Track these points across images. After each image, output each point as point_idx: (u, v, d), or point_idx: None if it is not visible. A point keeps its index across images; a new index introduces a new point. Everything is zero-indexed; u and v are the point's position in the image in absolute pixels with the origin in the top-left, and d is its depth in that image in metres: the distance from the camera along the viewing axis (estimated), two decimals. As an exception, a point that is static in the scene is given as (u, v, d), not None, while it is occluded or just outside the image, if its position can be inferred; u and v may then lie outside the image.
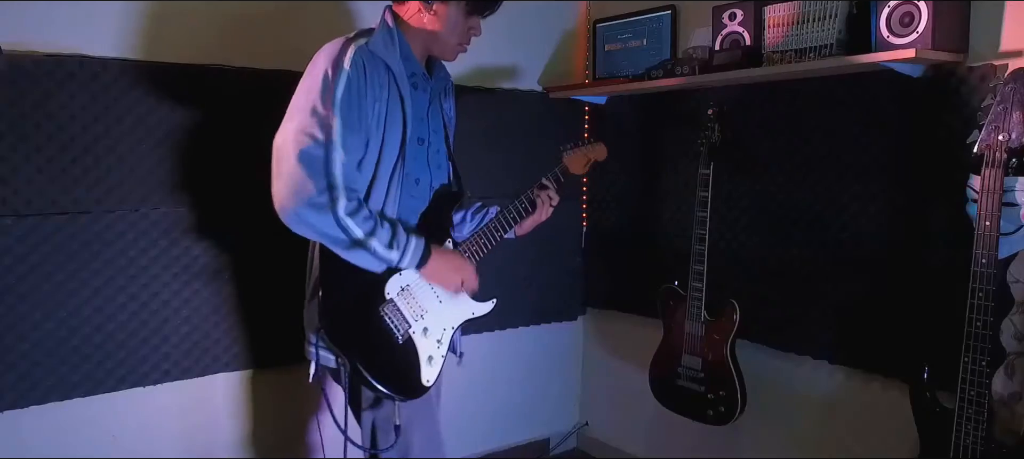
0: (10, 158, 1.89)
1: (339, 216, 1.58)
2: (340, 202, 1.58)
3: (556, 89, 2.90)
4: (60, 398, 2.02)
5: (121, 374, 2.10)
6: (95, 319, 2.04)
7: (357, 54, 1.66)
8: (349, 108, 1.62)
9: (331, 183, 1.58)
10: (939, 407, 1.79)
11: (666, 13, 2.68)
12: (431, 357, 1.78)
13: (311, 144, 1.57)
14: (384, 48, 1.72)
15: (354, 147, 1.64)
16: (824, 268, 2.21)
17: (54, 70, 1.93)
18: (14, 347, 1.94)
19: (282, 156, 1.58)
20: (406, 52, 1.76)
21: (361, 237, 1.61)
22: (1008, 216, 1.70)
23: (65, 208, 1.98)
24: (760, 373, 2.41)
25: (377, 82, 1.68)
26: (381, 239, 1.64)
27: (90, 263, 2.02)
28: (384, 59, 1.71)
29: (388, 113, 1.70)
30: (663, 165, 2.69)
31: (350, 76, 1.63)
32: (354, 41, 1.69)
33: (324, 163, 1.57)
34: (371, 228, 1.63)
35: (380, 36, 1.73)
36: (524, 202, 1.96)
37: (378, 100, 1.68)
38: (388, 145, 1.71)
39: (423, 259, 1.72)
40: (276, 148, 1.60)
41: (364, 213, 1.63)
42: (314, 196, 1.56)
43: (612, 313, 3.03)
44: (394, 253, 1.67)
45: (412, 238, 1.70)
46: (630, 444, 2.99)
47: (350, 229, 1.59)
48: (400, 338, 1.73)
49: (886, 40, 1.90)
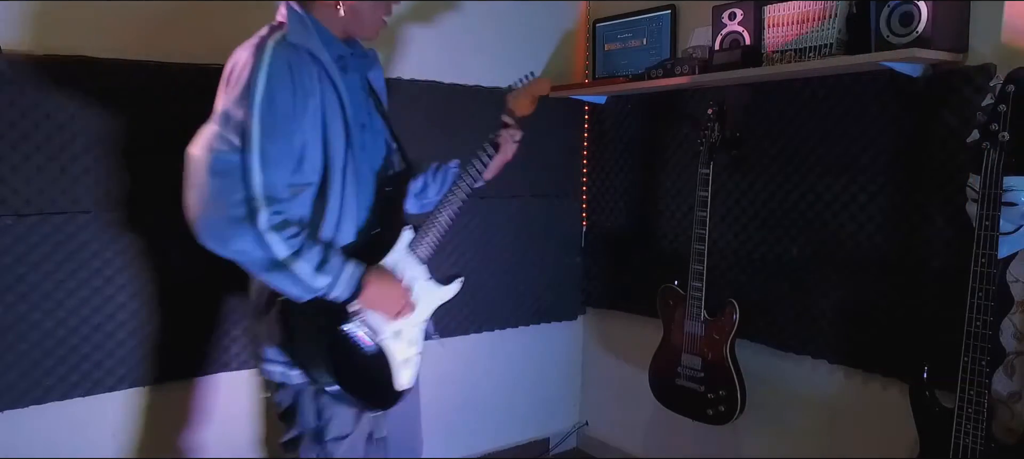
0: (10, 158, 1.89)
1: (259, 230, 1.42)
2: (261, 214, 1.42)
3: (556, 89, 2.90)
4: (60, 398, 2.02)
5: (121, 374, 2.10)
6: (95, 319, 2.04)
7: (278, 49, 1.49)
8: (271, 112, 1.46)
9: (250, 194, 1.42)
10: (939, 407, 1.79)
11: (666, 13, 2.68)
12: (407, 359, 1.72)
13: (227, 150, 1.42)
14: (302, 36, 1.55)
15: (278, 156, 1.48)
16: (824, 268, 2.21)
17: (54, 70, 1.93)
18: (14, 347, 1.94)
19: (195, 164, 1.43)
20: (326, 37, 1.62)
21: (283, 257, 1.45)
22: (1008, 216, 1.70)
23: (64, 208, 1.98)
24: (760, 373, 2.41)
25: (306, 75, 1.53)
26: (308, 261, 1.48)
27: (90, 263, 2.02)
28: (307, 48, 1.55)
29: (325, 106, 1.57)
30: (663, 165, 2.69)
31: (271, 75, 1.47)
32: (271, 36, 1.52)
33: (242, 171, 1.42)
34: (296, 247, 1.47)
35: (294, 26, 1.56)
36: (488, 147, 1.87)
37: (311, 95, 1.53)
38: (333, 140, 1.58)
39: (358, 288, 1.57)
40: (189, 157, 1.45)
41: (291, 230, 1.47)
42: (230, 210, 1.40)
43: (612, 313, 3.03)
44: (323, 279, 1.50)
45: (348, 264, 1.55)
46: (630, 444, 2.99)
47: (272, 246, 1.44)
48: (371, 348, 1.65)
49: (886, 40, 1.90)
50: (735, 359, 2.30)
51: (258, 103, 1.45)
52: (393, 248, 1.72)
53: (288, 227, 1.47)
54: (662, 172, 2.69)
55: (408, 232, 1.76)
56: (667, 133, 2.67)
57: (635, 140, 2.81)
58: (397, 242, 1.73)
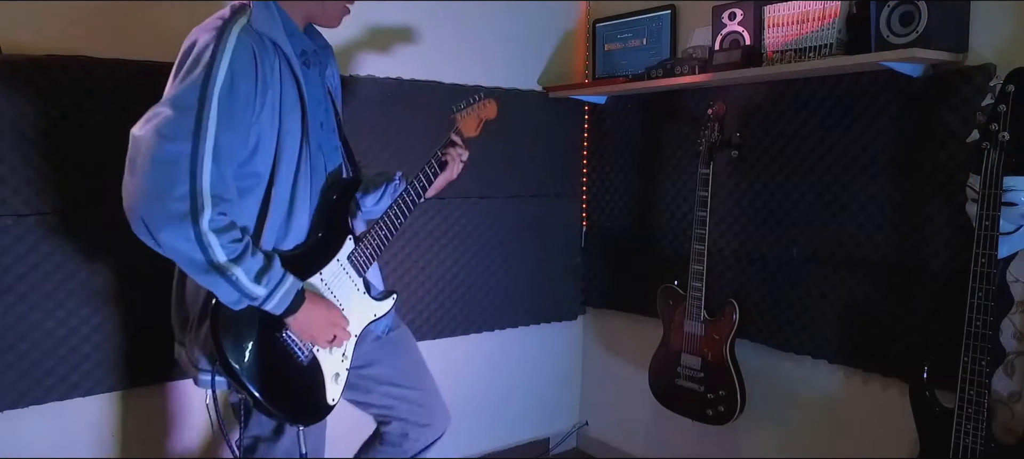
0: (10, 158, 1.89)
1: (201, 230, 1.34)
2: (205, 213, 1.35)
3: (556, 89, 2.90)
4: (60, 398, 2.02)
5: (121, 374, 2.09)
6: (95, 319, 2.04)
7: (243, 35, 1.41)
8: (231, 102, 1.38)
9: (196, 189, 1.34)
10: (939, 407, 1.79)
11: (666, 13, 2.68)
12: (337, 374, 1.65)
13: (176, 141, 1.33)
14: (267, 24, 1.48)
15: (232, 149, 1.40)
16: (824, 268, 2.21)
17: (54, 70, 1.92)
18: (14, 347, 1.93)
19: (139, 150, 1.34)
20: (290, 27, 1.55)
21: (222, 261, 1.37)
22: (1008, 216, 1.70)
23: (65, 208, 1.98)
24: (760, 373, 2.41)
25: (268, 65, 1.46)
26: (247, 269, 1.40)
27: (90, 263, 2.02)
28: (271, 37, 1.48)
29: (283, 99, 1.49)
30: (663, 165, 2.69)
31: (234, 62, 1.39)
32: (234, 20, 1.43)
33: (189, 164, 1.33)
34: (237, 253, 1.39)
35: (259, 11, 1.48)
36: (433, 164, 1.80)
37: (271, 87, 1.46)
38: (287, 135, 1.51)
39: (292, 306, 1.49)
40: (133, 139, 1.36)
41: (233, 234, 1.40)
42: (173, 203, 1.32)
43: (612, 313, 3.03)
44: (261, 289, 1.43)
45: (287, 278, 1.48)
46: (630, 444, 2.99)
47: (211, 248, 1.36)
48: (304, 359, 1.58)
49: (886, 40, 1.90)
50: (735, 359, 2.30)
51: (218, 91, 1.37)
52: (334, 258, 1.66)
53: (231, 230, 1.40)
54: (662, 172, 2.69)
55: (349, 242, 1.69)
56: (667, 133, 2.67)
57: (635, 140, 2.81)
58: (339, 250, 1.67)
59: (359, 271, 1.71)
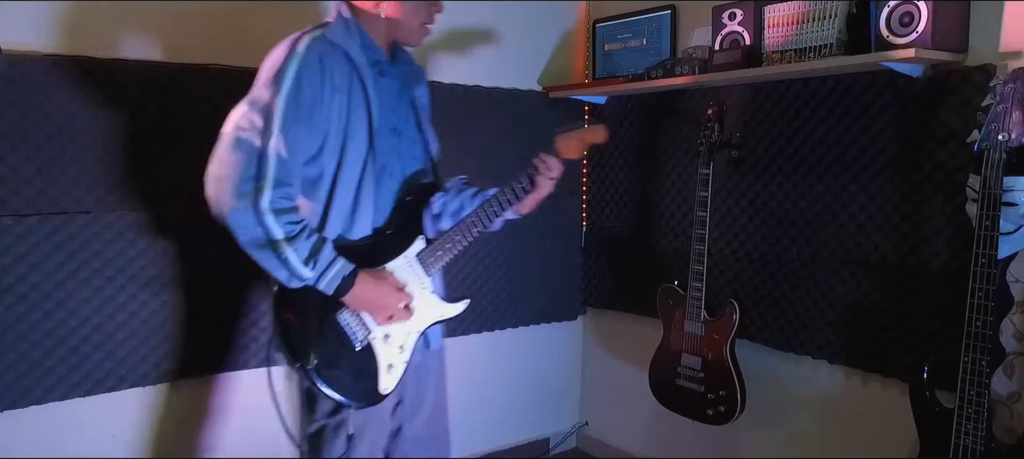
0: (10, 158, 1.89)
1: (260, 209, 1.50)
2: (265, 194, 1.51)
3: (556, 89, 2.90)
4: (60, 398, 2.02)
5: (121, 374, 2.10)
6: (95, 319, 2.04)
7: (312, 44, 1.60)
8: (296, 100, 1.56)
9: (260, 172, 1.51)
10: (939, 407, 1.79)
11: (666, 13, 2.68)
12: (391, 365, 1.71)
13: (248, 131, 1.52)
14: (343, 37, 1.65)
15: (297, 142, 1.57)
16: (824, 268, 2.21)
17: (54, 70, 1.93)
18: (14, 347, 1.94)
19: (221, 139, 1.54)
20: (366, 41, 1.70)
21: (278, 238, 1.52)
22: (1008, 216, 1.70)
23: (65, 208, 1.98)
24: (760, 373, 2.41)
25: (337, 71, 1.62)
26: (299, 250, 1.54)
27: (90, 263, 2.02)
28: (343, 47, 1.65)
29: (351, 103, 1.64)
30: (663, 165, 2.69)
31: (301, 67, 1.57)
32: (310, 33, 1.63)
33: (257, 153, 1.51)
34: (293, 233, 1.54)
35: (337, 25, 1.67)
36: (524, 181, 1.83)
37: (338, 90, 1.62)
38: (353, 136, 1.65)
39: (342, 287, 1.61)
40: (221, 133, 1.56)
41: (292, 217, 1.55)
42: (239, 183, 1.50)
43: (612, 313, 3.03)
44: (308, 271, 1.56)
45: (337, 261, 1.60)
46: (630, 444, 2.99)
47: (269, 227, 1.51)
48: (358, 344, 1.67)
49: (886, 40, 1.90)
50: (735, 359, 2.30)
51: (286, 90, 1.55)
52: (402, 253, 1.74)
53: (291, 212, 1.55)
54: (662, 172, 2.69)
55: (420, 241, 1.77)
56: (667, 133, 2.67)
57: (635, 140, 2.81)
58: (408, 248, 1.75)
59: (427, 270, 1.78)
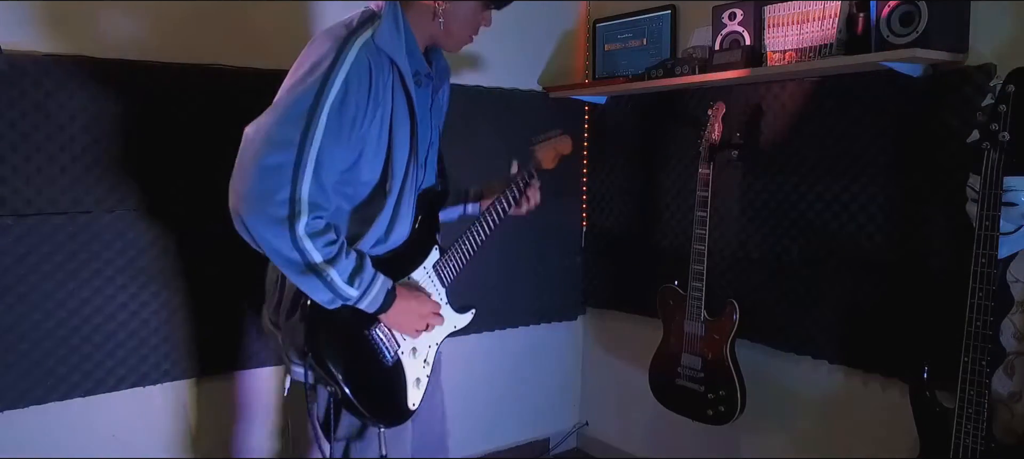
0: (10, 158, 1.89)
1: (297, 235, 1.39)
2: (301, 219, 1.39)
3: (556, 89, 2.90)
4: (60, 398, 2.02)
5: (121, 374, 2.10)
6: (95, 319, 2.04)
7: (363, 52, 1.45)
8: (340, 115, 1.42)
9: (295, 196, 1.38)
10: (939, 407, 1.79)
11: (666, 13, 2.68)
12: (418, 379, 1.69)
13: (282, 147, 1.37)
14: (391, 42, 1.51)
15: (334, 160, 1.44)
16: (824, 268, 2.21)
17: (54, 70, 1.93)
18: (14, 347, 1.94)
19: (248, 151, 1.38)
20: (411, 46, 1.57)
21: (318, 262, 1.42)
22: (1008, 216, 1.70)
23: (65, 208, 1.98)
24: (760, 373, 2.41)
25: (382, 83, 1.49)
26: (341, 270, 1.45)
27: (90, 263, 2.02)
28: (390, 55, 1.51)
29: (395, 115, 1.53)
30: (663, 165, 2.69)
31: (350, 77, 1.42)
32: (358, 32, 1.47)
33: (292, 172, 1.37)
34: (332, 254, 1.44)
35: (387, 27, 1.51)
36: (515, 189, 1.87)
37: (381, 103, 1.49)
38: (397, 149, 1.55)
39: (386, 303, 1.55)
40: (245, 137, 1.40)
41: (329, 237, 1.44)
42: (272, 208, 1.37)
43: (612, 313, 3.03)
44: (354, 291, 1.48)
45: (378, 278, 1.53)
46: (630, 444, 2.99)
47: (307, 252, 1.41)
48: (389, 360, 1.62)
49: (886, 40, 1.90)
50: (735, 359, 2.30)
51: (330, 102, 1.40)
52: (422, 265, 1.72)
53: (327, 232, 1.44)
54: (662, 172, 2.69)
55: (435, 252, 1.75)
56: (667, 133, 2.67)
57: (635, 140, 2.81)
58: (426, 259, 1.72)
59: (442, 281, 1.76)
